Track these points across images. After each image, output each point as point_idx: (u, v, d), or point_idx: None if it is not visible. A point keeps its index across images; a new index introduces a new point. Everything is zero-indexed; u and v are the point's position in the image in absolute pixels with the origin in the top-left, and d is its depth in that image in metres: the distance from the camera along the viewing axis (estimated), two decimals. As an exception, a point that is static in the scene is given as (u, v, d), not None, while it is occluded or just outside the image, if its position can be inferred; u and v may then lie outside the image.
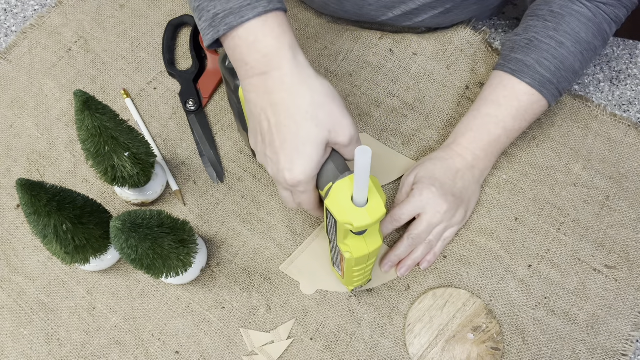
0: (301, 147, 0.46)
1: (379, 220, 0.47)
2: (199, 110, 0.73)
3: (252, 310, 0.64)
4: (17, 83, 0.75)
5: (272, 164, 0.49)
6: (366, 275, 0.58)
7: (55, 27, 0.78)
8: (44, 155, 0.71)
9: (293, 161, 0.47)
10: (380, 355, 0.62)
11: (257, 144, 0.51)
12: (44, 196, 0.51)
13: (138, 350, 0.62)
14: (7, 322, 0.63)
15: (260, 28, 0.46)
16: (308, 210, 0.54)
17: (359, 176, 0.43)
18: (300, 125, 0.46)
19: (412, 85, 0.74)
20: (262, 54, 0.46)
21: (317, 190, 0.51)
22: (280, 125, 0.47)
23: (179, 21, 0.77)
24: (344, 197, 0.47)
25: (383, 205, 0.46)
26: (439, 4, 0.69)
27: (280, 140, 0.47)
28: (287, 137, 0.47)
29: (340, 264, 0.57)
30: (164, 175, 0.68)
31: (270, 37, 0.46)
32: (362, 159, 0.41)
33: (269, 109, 0.47)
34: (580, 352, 0.61)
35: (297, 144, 0.46)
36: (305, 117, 0.46)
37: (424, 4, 0.69)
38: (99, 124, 0.54)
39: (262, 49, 0.46)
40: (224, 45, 0.49)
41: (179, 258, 0.55)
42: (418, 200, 0.61)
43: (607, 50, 0.76)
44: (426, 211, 0.61)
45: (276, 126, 0.47)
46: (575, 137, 0.71)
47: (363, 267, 0.54)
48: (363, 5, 0.71)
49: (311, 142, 0.46)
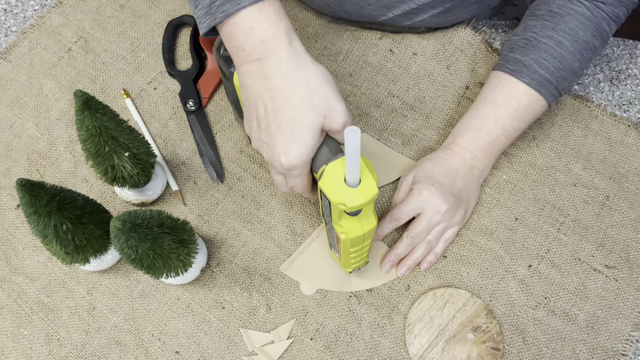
0: (297, 131, 0.47)
1: (372, 200, 0.48)
2: (199, 110, 0.73)
3: (252, 310, 0.64)
4: (17, 83, 0.75)
5: (268, 149, 0.50)
6: (363, 257, 0.59)
7: (55, 27, 0.78)
8: (44, 155, 0.71)
9: (288, 145, 0.48)
10: (380, 355, 0.62)
11: (252, 129, 0.51)
12: (44, 196, 0.51)
13: (138, 350, 0.62)
14: (7, 322, 0.63)
15: (256, 15, 0.46)
16: (302, 193, 0.54)
17: (350, 157, 0.43)
18: (296, 110, 0.47)
19: (412, 85, 0.74)
20: (259, 40, 0.47)
21: (310, 174, 0.52)
22: (276, 110, 0.47)
23: (179, 21, 0.77)
24: (337, 178, 0.47)
25: (375, 185, 0.47)
26: (439, 4, 0.69)
27: (276, 125, 0.48)
28: (283, 122, 0.47)
29: (337, 246, 0.57)
30: (164, 175, 0.68)
31: (266, 23, 0.46)
32: (351, 139, 0.41)
33: (265, 94, 0.48)
34: (580, 352, 0.61)
35: (293, 128, 0.47)
36: (301, 102, 0.46)
37: (423, 4, 0.69)
38: (99, 124, 0.54)
39: (259, 35, 0.47)
40: (220, 32, 0.49)
41: (179, 258, 0.55)
42: (417, 200, 0.61)
43: (607, 50, 0.76)
44: (425, 211, 0.62)
45: (272, 111, 0.48)
46: (575, 137, 0.71)
47: (359, 248, 0.55)
48: (363, 5, 0.71)
49: (307, 127, 0.47)
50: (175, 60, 0.76)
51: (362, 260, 0.59)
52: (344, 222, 0.51)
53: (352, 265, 0.60)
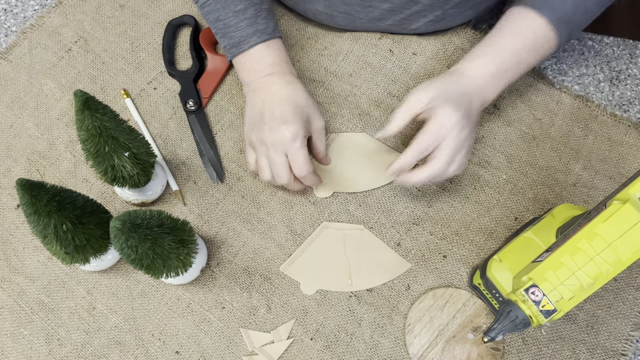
0: (290, 117, 0.61)
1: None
2: (199, 110, 0.73)
3: (252, 310, 0.64)
4: (17, 83, 0.75)
5: (270, 131, 0.61)
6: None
7: (55, 27, 0.78)
8: (44, 155, 0.71)
9: (287, 121, 0.61)
10: (380, 355, 0.62)
11: (255, 128, 0.63)
12: (44, 196, 0.51)
13: (138, 350, 0.62)
14: (7, 322, 0.63)
15: (265, 49, 0.65)
16: (301, 173, 0.62)
17: None
18: (298, 100, 0.63)
19: (412, 85, 0.74)
20: (267, 63, 0.65)
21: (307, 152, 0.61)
22: (274, 104, 0.62)
23: (179, 21, 0.77)
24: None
25: None
26: (429, 12, 0.69)
27: (279, 110, 0.62)
28: (286, 107, 0.62)
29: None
30: (164, 175, 0.68)
31: (273, 54, 0.65)
32: None
33: (267, 97, 0.63)
34: (580, 352, 0.61)
35: (286, 115, 0.61)
36: (303, 97, 0.63)
37: (412, 13, 0.69)
38: (99, 124, 0.54)
39: (268, 60, 0.65)
40: (235, 60, 0.67)
41: (179, 258, 0.55)
42: (441, 126, 0.58)
43: (607, 50, 0.76)
44: (447, 137, 0.58)
45: (272, 104, 0.62)
46: (575, 137, 0.71)
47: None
48: (354, 20, 0.73)
49: (304, 113, 0.62)
50: (175, 60, 0.76)
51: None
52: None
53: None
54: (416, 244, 0.66)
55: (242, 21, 0.64)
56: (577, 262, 0.45)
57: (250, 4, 0.65)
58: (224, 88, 0.75)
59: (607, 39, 0.77)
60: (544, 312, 0.45)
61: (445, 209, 0.68)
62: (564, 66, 0.76)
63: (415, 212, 0.68)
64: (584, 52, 0.77)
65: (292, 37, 0.77)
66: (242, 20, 0.64)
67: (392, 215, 0.68)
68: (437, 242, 0.66)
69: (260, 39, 0.64)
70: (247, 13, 0.64)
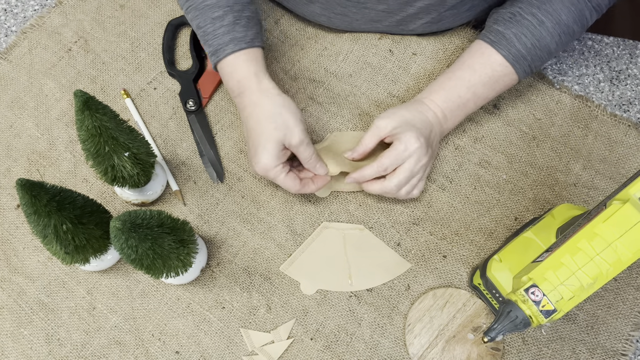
0: (264, 143, 0.60)
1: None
2: (199, 110, 0.73)
3: (252, 310, 0.64)
4: (17, 83, 0.75)
5: (250, 161, 0.62)
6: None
7: (55, 27, 0.78)
8: (44, 155, 0.71)
9: (258, 154, 0.60)
10: (380, 355, 0.62)
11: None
12: (44, 196, 0.51)
13: (138, 350, 0.62)
14: (7, 322, 0.63)
15: (232, 62, 0.63)
16: (293, 192, 0.63)
17: None
18: (264, 127, 0.60)
19: (412, 85, 0.74)
20: (236, 80, 0.63)
21: (290, 174, 0.62)
22: (251, 130, 0.62)
23: (179, 21, 0.77)
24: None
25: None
26: (424, 14, 0.70)
27: (252, 140, 0.62)
28: (256, 137, 0.61)
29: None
30: (164, 175, 0.68)
31: (241, 68, 0.63)
32: None
33: (245, 120, 0.63)
34: (580, 352, 0.61)
35: (261, 140, 0.60)
36: (268, 121, 0.60)
37: (408, 15, 0.70)
38: (99, 124, 0.54)
39: (236, 76, 0.63)
40: (217, 68, 0.65)
41: (179, 258, 0.55)
42: (405, 149, 0.61)
43: (607, 50, 0.77)
44: (409, 161, 0.62)
45: (250, 130, 0.62)
46: (575, 137, 0.71)
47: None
48: (351, 21, 0.73)
49: (271, 140, 0.60)
50: (175, 60, 0.76)
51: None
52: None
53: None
54: (416, 244, 0.66)
55: (220, 28, 0.63)
56: (577, 262, 0.45)
57: (229, 11, 0.63)
58: (224, 88, 0.75)
59: (607, 39, 0.77)
60: (544, 312, 0.45)
61: (445, 209, 0.68)
62: (564, 66, 0.76)
63: (415, 212, 0.68)
64: (584, 52, 0.77)
65: (292, 37, 0.77)
66: (220, 27, 0.63)
67: (392, 215, 0.68)
68: (437, 242, 0.66)
69: (236, 47, 0.62)
70: (225, 20, 0.63)
